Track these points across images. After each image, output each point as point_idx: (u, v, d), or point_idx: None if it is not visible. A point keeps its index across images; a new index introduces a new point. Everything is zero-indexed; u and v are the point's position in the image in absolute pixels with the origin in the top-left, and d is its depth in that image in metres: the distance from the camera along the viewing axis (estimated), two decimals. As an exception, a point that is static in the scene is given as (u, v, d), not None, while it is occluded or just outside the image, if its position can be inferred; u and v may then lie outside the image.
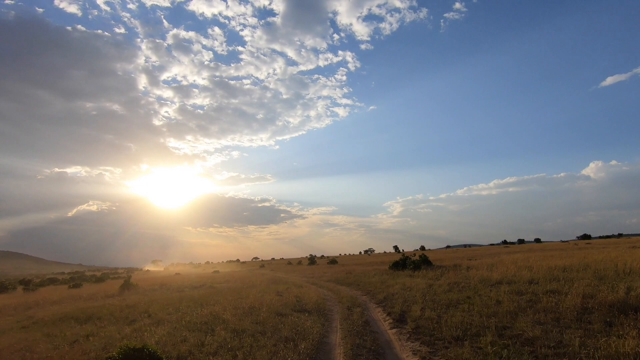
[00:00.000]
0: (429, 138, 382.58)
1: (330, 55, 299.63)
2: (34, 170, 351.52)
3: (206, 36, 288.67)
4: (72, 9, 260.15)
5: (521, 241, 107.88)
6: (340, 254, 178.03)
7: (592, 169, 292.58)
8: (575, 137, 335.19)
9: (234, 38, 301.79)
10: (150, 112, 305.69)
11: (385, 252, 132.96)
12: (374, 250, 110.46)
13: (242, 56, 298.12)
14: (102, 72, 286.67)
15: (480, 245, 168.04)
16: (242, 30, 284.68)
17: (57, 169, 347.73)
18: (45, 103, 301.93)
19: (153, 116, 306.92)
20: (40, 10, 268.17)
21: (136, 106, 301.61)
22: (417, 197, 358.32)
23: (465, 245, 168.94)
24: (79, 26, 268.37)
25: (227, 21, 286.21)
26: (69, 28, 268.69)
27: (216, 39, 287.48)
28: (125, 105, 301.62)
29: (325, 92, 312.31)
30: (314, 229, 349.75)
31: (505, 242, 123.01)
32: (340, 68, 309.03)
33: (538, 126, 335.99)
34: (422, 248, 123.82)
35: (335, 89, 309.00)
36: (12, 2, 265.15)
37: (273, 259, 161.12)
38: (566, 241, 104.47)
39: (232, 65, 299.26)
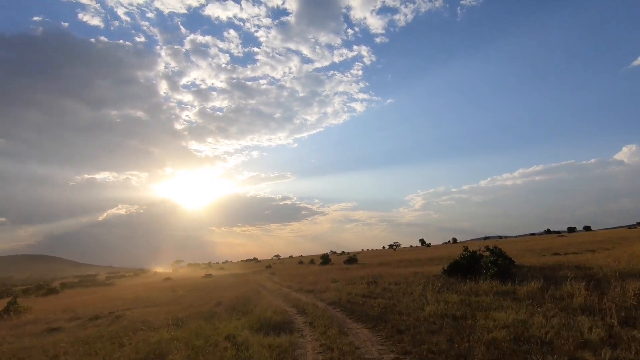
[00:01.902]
0: (450, 129, 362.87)
1: (345, 51, 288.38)
2: (66, 177, 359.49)
3: (222, 39, 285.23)
4: (95, 21, 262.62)
5: (572, 229, 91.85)
6: (362, 250, 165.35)
7: (626, 153, 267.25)
8: (606, 120, 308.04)
9: (249, 39, 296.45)
10: (172, 116, 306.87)
11: (411, 247, 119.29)
12: (399, 245, 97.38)
13: (258, 57, 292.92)
14: (125, 81, 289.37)
15: (507, 237, 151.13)
16: (256, 31, 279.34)
17: (87, 175, 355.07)
18: (73, 112, 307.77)
19: (174, 120, 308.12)
20: (66, 24, 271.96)
21: (158, 112, 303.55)
22: (439, 190, 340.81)
23: (485, 238, 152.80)
24: (102, 37, 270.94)
25: (241, 23, 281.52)
26: (92, 40, 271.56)
27: (232, 42, 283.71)
28: (147, 111, 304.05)
29: (341, 88, 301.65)
30: (335, 225, 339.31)
31: (549, 231, 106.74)
32: (356, 63, 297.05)
33: (565, 111, 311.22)
34: (454, 240, 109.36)
35: (351, 84, 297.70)
36: (40, 18, 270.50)
37: (291, 256, 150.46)
38: (634, 226, 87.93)
39: (248, 66, 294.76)
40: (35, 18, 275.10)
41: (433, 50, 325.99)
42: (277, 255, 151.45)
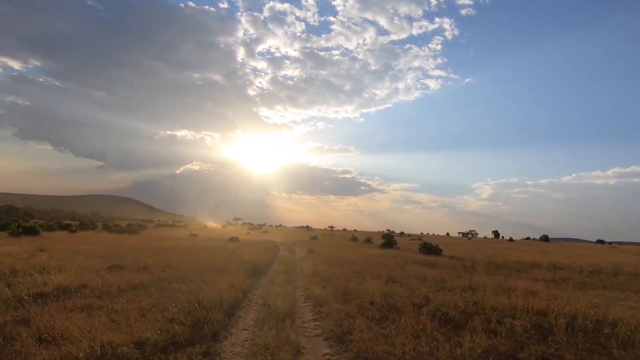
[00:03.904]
0: (533, 115, 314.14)
1: (425, 23, 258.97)
2: (152, 132, 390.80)
3: (300, 7, 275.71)
4: None
5: None
6: (422, 233, 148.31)
7: None
8: None
9: (326, 8, 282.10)
10: (246, 82, 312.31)
11: (485, 238, 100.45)
12: (476, 234, 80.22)
13: (333, 26, 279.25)
14: (207, 45, 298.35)
15: (584, 242, 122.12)
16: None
17: (169, 132, 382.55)
18: (160, 73, 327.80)
19: (248, 86, 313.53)
20: None
21: (234, 77, 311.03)
22: (512, 181, 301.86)
23: (567, 239, 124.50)
24: (190, 3, 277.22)
25: None
26: (182, 5, 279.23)
27: (309, 10, 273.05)
28: (225, 75, 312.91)
29: (416, 63, 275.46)
30: (393, 204, 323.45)
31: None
32: (436, 37, 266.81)
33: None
34: (545, 238, 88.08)
35: (427, 60, 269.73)
36: None
37: (345, 229, 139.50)
38: None
39: (322, 36, 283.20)
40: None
41: (525, 26, 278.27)
42: (331, 227, 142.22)
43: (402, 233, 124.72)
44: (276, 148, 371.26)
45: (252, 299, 9.29)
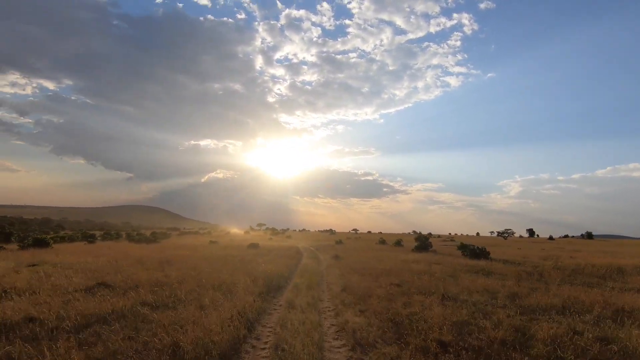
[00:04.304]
0: (563, 107, 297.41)
1: (443, 20, 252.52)
2: (177, 143, 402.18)
3: (315, 12, 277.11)
4: (204, 1, 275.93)
5: None
6: (450, 234, 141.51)
7: None
8: None
9: (341, 11, 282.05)
10: (265, 90, 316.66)
11: (521, 237, 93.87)
12: (512, 233, 74.41)
13: (349, 29, 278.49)
14: (227, 56, 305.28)
15: (630, 238, 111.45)
16: (349, 2, 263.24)
17: (192, 142, 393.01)
18: (184, 86, 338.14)
19: (267, 94, 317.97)
20: (180, 5, 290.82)
21: (254, 85, 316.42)
22: (542, 177, 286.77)
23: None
24: (209, 16, 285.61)
25: None
26: (201, 19, 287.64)
27: (324, 15, 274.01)
28: (245, 84, 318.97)
29: (435, 61, 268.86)
30: (417, 205, 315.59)
31: None
32: (454, 33, 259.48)
33: None
34: (590, 235, 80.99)
35: (447, 57, 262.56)
36: (160, 1, 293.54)
37: (369, 232, 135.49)
38: None
39: (338, 39, 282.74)
40: (157, 0, 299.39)
41: (548, 16, 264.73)
42: (355, 229, 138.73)
43: (430, 234, 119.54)
44: (297, 153, 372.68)
45: (260, 336, 6.46)
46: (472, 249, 21.01)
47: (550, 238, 76.98)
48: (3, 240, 28.75)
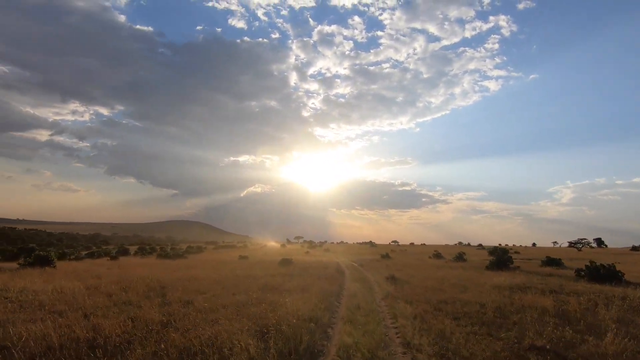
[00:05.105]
0: (618, 106, 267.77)
1: (478, 24, 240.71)
2: (217, 160, 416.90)
3: (347, 27, 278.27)
4: (241, 24, 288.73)
5: None
6: (500, 245, 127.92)
7: None
8: None
9: (373, 24, 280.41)
10: (300, 105, 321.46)
11: (591, 247, 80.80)
12: (588, 243, 63.35)
13: (381, 40, 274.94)
14: (263, 74, 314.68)
15: None
16: (381, 14, 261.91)
17: (232, 158, 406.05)
18: (223, 106, 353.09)
19: (302, 108, 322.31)
20: (219, 30, 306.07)
21: (288, 101, 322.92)
22: (598, 182, 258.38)
23: None
24: (245, 38, 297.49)
25: (366, 8, 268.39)
26: (238, 41, 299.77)
27: (356, 28, 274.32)
28: (280, 101, 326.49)
29: (472, 66, 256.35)
30: (459, 215, 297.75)
31: None
32: (492, 36, 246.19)
33: None
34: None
35: (484, 61, 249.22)
36: (201, 27, 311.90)
37: (412, 243, 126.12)
38: None
39: (371, 51, 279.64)
40: (198, 27, 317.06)
41: (596, 12, 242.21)
42: (395, 241, 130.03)
43: (480, 245, 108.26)
44: (333, 165, 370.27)
45: None
46: (593, 269, 14.28)
47: (634, 249, 64.66)
48: (10, 259, 26.11)
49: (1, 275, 16.28)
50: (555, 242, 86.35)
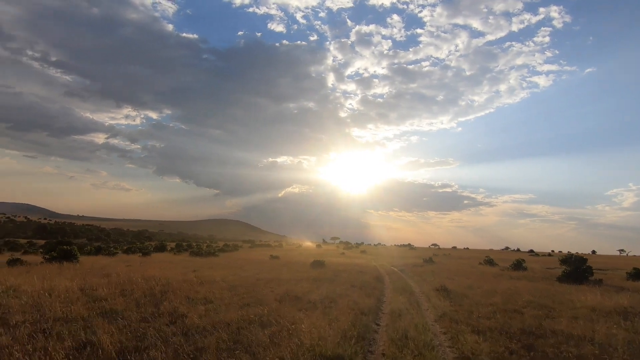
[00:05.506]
0: None
1: (527, 16, 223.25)
2: (256, 161, 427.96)
3: (385, 26, 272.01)
4: (280, 28, 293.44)
5: None
6: (553, 251, 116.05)
7: None
8: None
9: (412, 22, 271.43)
10: (337, 105, 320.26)
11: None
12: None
13: (421, 38, 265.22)
14: (301, 76, 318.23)
15: None
16: (420, 11, 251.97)
17: (270, 159, 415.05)
18: (262, 108, 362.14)
19: (339, 109, 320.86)
20: (259, 34, 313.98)
21: (326, 102, 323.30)
22: None
23: None
24: (284, 41, 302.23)
25: (405, 6, 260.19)
26: (277, 44, 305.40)
27: (394, 27, 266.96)
28: (317, 102, 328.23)
29: (519, 61, 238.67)
30: (504, 218, 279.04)
31: None
32: (542, 28, 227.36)
33: None
34: None
35: (533, 55, 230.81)
36: (242, 32, 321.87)
37: (454, 247, 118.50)
38: None
39: (410, 49, 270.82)
40: (239, 33, 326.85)
41: None
42: (435, 244, 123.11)
43: (532, 251, 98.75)
44: (370, 166, 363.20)
45: None
46: None
47: None
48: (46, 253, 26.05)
49: (10, 269, 15.35)
50: (622, 249, 76.33)
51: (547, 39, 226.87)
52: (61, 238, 68.59)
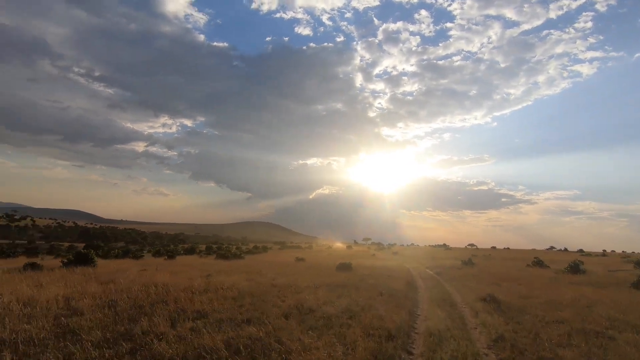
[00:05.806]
0: None
1: (566, 2, 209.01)
2: (287, 163, 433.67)
3: (413, 22, 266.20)
4: (306, 31, 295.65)
5: None
6: (605, 251, 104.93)
7: None
8: None
9: (441, 16, 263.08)
10: (366, 105, 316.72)
11: None
12: None
13: (451, 32, 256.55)
14: (328, 78, 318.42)
15: None
16: (450, 4, 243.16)
17: (300, 161, 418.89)
18: (292, 111, 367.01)
19: (368, 109, 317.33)
20: (286, 39, 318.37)
21: (354, 102, 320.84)
22: None
23: None
24: (311, 44, 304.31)
25: (433, 1, 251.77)
26: (304, 47, 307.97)
27: (423, 22, 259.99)
28: (346, 102, 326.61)
29: (559, 49, 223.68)
30: (546, 216, 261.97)
31: None
32: (583, 13, 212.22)
33: None
34: None
35: (574, 42, 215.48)
36: (270, 38, 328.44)
37: (493, 247, 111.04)
38: None
39: (440, 44, 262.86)
40: (267, 38, 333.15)
41: None
42: (472, 244, 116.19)
43: (581, 251, 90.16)
44: (401, 165, 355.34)
45: None
46: None
47: None
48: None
49: (12, 276, 14.72)
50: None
51: (589, 24, 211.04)
52: (100, 242, 71.52)
